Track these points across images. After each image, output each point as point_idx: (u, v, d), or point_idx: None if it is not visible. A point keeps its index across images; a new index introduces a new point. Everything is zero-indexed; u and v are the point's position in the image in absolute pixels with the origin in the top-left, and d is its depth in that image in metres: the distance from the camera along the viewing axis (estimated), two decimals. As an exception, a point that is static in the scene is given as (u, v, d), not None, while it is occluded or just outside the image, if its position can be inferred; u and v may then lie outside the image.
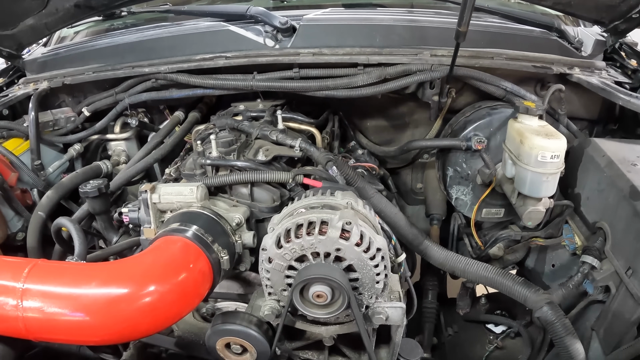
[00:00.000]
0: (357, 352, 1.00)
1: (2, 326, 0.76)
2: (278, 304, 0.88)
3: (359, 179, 0.98)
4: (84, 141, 1.64)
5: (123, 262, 0.84)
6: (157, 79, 1.47)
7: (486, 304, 1.71)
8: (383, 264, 0.80)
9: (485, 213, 1.40)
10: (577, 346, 1.00)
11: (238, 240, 0.97)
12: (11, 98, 1.56)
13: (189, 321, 1.07)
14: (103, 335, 0.77)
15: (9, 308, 0.73)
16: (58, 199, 1.34)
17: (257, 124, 1.17)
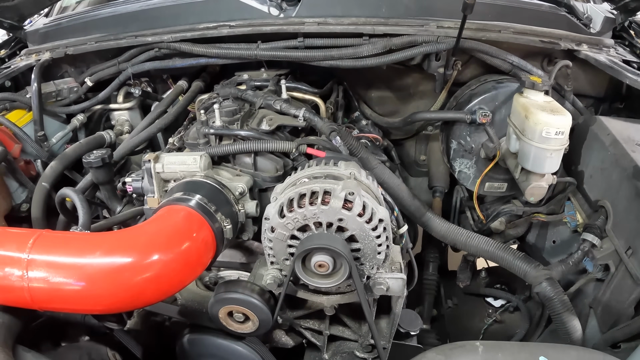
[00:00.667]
0: (358, 322, 1.01)
1: (8, 296, 0.77)
2: (280, 273, 0.89)
3: (362, 150, 0.97)
4: (87, 111, 1.63)
5: (127, 232, 0.84)
6: (160, 48, 1.46)
7: (486, 278, 1.72)
8: (385, 235, 0.80)
9: (487, 187, 1.40)
10: (574, 323, 1.01)
11: (241, 210, 0.97)
12: (13, 69, 1.55)
13: (192, 290, 1.08)
14: (107, 304, 0.78)
15: (14, 279, 0.74)
16: (62, 170, 1.34)
17: (261, 93, 1.17)
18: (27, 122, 1.50)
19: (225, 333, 0.95)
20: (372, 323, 0.87)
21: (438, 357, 0.72)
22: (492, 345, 0.74)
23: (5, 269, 0.74)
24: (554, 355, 0.72)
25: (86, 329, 1.16)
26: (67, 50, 1.54)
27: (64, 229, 1.32)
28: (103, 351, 1.15)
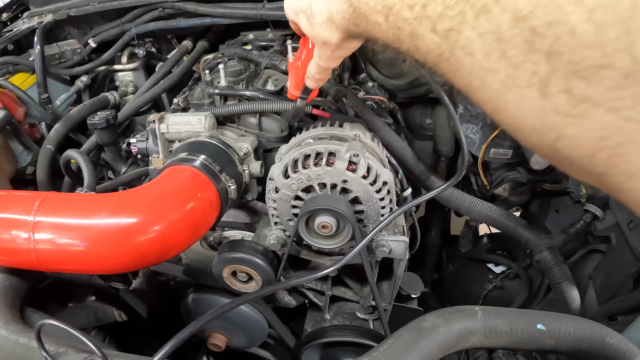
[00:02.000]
0: (360, 283, 1.02)
1: (15, 259, 0.78)
2: (284, 234, 0.89)
3: (368, 112, 0.96)
4: (90, 73, 1.62)
5: (132, 192, 0.84)
6: (164, 7, 1.44)
7: (488, 244, 1.73)
8: (389, 198, 0.81)
9: (493, 153, 1.39)
10: (573, 292, 1.02)
11: (245, 170, 0.97)
12: (16, 32, 1.53)
13: (197, 249, 1.09)
14: (113, 264, 0.78)
15: (21, 241, 0.74)
16: (66, 132, 1.34)
17: (267, 53, 1.15)
18: (30, 85, 1.49)
19: (229, 292, 0.96)
20: (373, 285, 0.87)
21: (438, 320, 0.73)
22: (491, 310, 0.74)
23: (12, 231, 0.75)
24: (551, 323, 0.72)
25: (92, 289, 1.18)
26: (69, 11, 1.52)
27: (70, 190, 1.33)
28: (109, 311, 1.17)
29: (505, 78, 0.32)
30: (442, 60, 0.38)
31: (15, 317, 0.80)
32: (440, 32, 0.36)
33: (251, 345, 1.07)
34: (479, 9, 0.32)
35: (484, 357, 1.32)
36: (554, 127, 0.31)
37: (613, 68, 0.26)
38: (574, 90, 0.28)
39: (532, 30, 0.29)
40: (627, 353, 0.71)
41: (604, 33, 0.25)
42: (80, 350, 0.70)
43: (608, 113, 0.27)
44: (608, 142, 0.28)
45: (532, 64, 0.29)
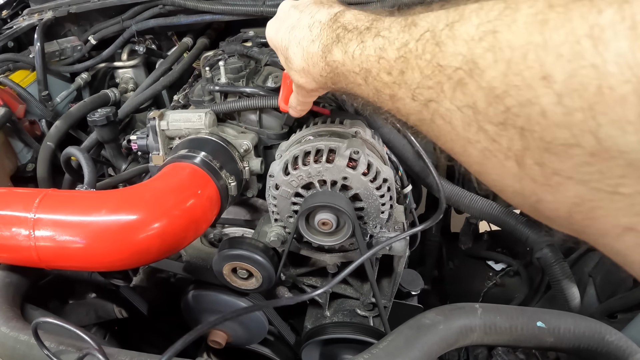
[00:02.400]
0: (360, 280, 1.02)
1: (16, 256, 0.78)
2: (284, 230, 0.89)
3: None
4: (91, 70, 1.62)
5: (132, 189, 0.84)
6: (164, 4, 1.44)
7: (488, 241, 1.73)
8: (389, 195, 0.80)
9: (494, 151, 1.39)
10: (573, 290, 1.02)
11: (246, 167, 0.97)
12: (16, 30, 1.53)
13: (197, 246, 1.09)
14: (113, 261, 0.78)
15: (21, 238, 0.75)
16: (66, 129, 1.34)
17: (267, 50, 1.15)
18: (30, 82, 1.49)
19: (229, 289, 0.96)
20: (373, 282, 0.87)
21: (438, 317, 0.73)
22: (491, 308, 0.74)
23: (13, 228, 0.75)
24: (551, 321, 0.72)
25: (93, 286, 1.18)
26: (69, 8, 1.51)
27: (70, 187, 1.33)
28: (109, 307, 1.17)
29: (485, 148, 0.34)
30: (423, 124, 0.40)
31: (16, 314, 0.80)
32: (420, 100, 0.38)
33: (251, 342, 1.07)
34: (455, 82, 0.33)
35: (484, 355, 1.32)
36: (533, 193, 0.33)
37: (580, 147, 0.28)
38: (547, 164, 0.30)
39: (506, 109, 0.30)
40: (626, 351, 0.71)
41: (572, 116, 0.27)
42: (80, 348, 0.70)
43: (578, 185, 0.29)
44: (581, 207, 0.30)
45: (507, 139, 0.31)
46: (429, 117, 0.38)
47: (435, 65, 0.35)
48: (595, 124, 0.26)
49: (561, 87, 0.27)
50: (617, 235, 0.30)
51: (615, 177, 0.27)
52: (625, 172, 0.27)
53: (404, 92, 0.39)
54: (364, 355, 0.67)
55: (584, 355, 0.74)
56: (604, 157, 0.27)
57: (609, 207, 0.29)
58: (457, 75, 0.33)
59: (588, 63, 0.26)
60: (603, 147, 0.27)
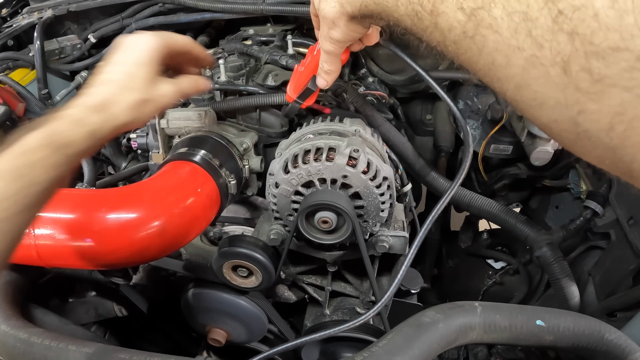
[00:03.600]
0: (359, 278, 1.03)
1: (16, 255, 0.77)
2: (284, 229, 0.89)
3: (368, 107, 0.96)
4: (90, 68, 1.61)
5: (132, 188, 0.84)
6: (164, 2, 1.43)
7: (488, 239, 1.73)
8: (389, 193, 0.81)
9: (493, 149, 1.39)
10: (572, 289, 1.02)
11: (245, 165, 0.97)
12: (15, 28, 1.52)
13: (197, 245, 1.09)
14: (113, 259, 0.78)
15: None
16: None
17: (267, 48, 1.15)
18: (30, 80, 1.49)
19: (229, 287, 0.96)
20: (373, 280, 0.88)
21: (437, 315, 0.73)
22: (491, 306, 0.74)
23: (13, 227, 0.75)
24: (550, 319, 0.72)
25: (93, 285, 1.18)
26: (69, 7, 1.51)
27: (70, 186, 1.33)
28: (109, 306, 1.17)
29: (531, 56, 0.34)
30: (465, 38, 0.40)
31: (16, 312, 0.80)
32: (467, 10, 0.38)
33: (251, 340, 1.07)
34: None
35: (484, 353, 1.33)
36: (577, 102, 0.33)
37: (628, 51, 0.28)
38: (594, 70, 0.30)
39: (559, 12, 0.31)
40: (626, 349, 0.71)
41: (623, 19, 0.28)
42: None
43: (623, 91, 0.30)
44: (624, 116, 0.31)
45: (556, 43, 0.32)
46: (472, 28, 0.38)
47: None
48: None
49: None
50: None
51: None
52: None
53: (449, 5, 0.40)
54: (363, 353, 0.68)
55: (583, 354, 0.74)
56: None
57: None
58: None
59: None
60: None
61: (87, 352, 0.71)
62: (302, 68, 0.84)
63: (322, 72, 0.78)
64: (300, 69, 0.85)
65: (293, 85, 0.86)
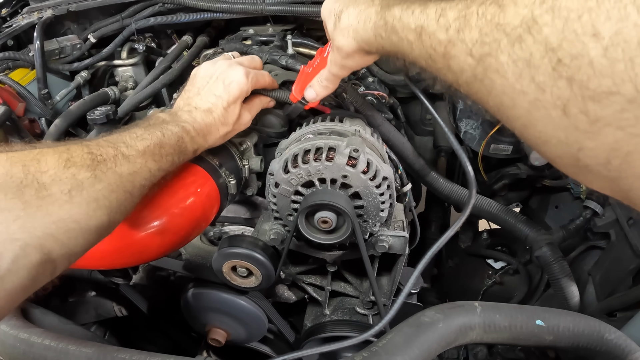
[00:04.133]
0: (359, 278, 1.03)
1: None
2: (284, 229, 0.89)
3: (368, 107, 0.96)
4: (90, 68, 1.62)
5: (131, 187, 0.84)
6: (164, 2, 1.43)
7: (487, 239, 1.73)
8: (388, 193, 0.80)
9: (493, 149, 1.39)
10: (572, 289, 1.02)
11: (245, 165, 0.97)
12: (15, 28, 1.53)
13: (197, 244, 1.09)
14: (113, 259, 0.78)
15: None
16: (66, 127, 1.34)
17: (267, 48, 1.15)
18: (30, 80, 1.49)
19: (228, 287, 0.96)
20: (373, 280, 0.87)
21: (437, 315, 0.73)
22: (491, 306, 0.74)
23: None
24: (550, 319, 0.72)
25: (92, 285, 1.18)
26: (69, 7, 1.51)
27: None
28: (109, 306, 1.18)
29: (534, 99, 0.38)
30: (475, 80, 0.44)
31: (16, 312, 0.80)
32: (476, 56, 0.42)
33: (251, 340, 1.07)
34: (514, 38, 0.38)
35: (483, 353, 1.33)
36: (576, 141, 0.36)
37: (620, 94, 0.32)
38: (590, 112, 0.34)
39: (558, 60, 0.35)
40: (625, 349, 0.71)
41: (615, 66, 0.32)
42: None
43: (617, 130, 0.33)
44: (618, 152, 0.34)
45: (557, 89, 0.36)
46: (482, 72, 0.42)
47: (495, 24, 0.40)
48: (634, 73, 0.31)
49: (608, 42, 0.32)
50: None
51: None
52: None
53: (459, 49, 0.44)
54: (363, 353, 0.68)
55: (583, 354, 0.74)
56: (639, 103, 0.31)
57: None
58: (516, 33, 0.38)
59: (631, 23, 0.31)
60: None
61: (87, 352, 0.71)
62: (309, 69, 0.85)
63: (319, 86, 0.82)
64: (307, 70, 0.85)
65: (299, 86, 0.86)
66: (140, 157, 0.66)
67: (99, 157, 0.60)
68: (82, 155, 0.58)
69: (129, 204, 0.65)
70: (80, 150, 0.59)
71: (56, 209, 0.53)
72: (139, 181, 0.66)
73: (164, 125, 0.74)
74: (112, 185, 0.60)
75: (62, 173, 0.55)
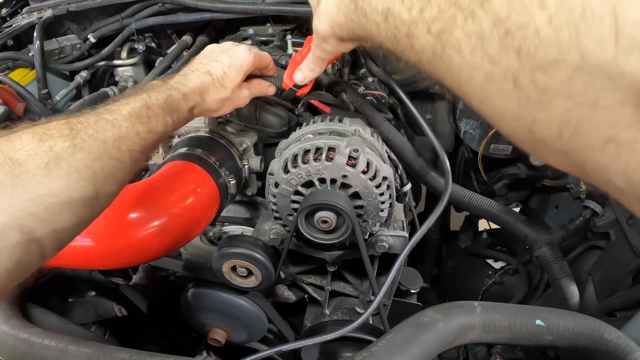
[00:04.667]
0: (359, 278, 1.03)
1: None
2: (283, 229, 0.89)
3: (367, 107, 0.96)
4: (90, 68, 1.62)
5: (131, 187, 0.84)
6: (164, 2, 1.43)
7: (487, 239, 1.73)
8: (388, 193, 0.80)
9: (492, 149, 1.39)
10: (572, 288, 1.02)
11: (245, 165, 0.98)
12: (15, 28, 1.53)
13: (197, 244, 1.09)
14: (113, 259, 0.78)
15: None
16: (66, 126, 1.34)
17: (267, 48, 1.15)
18: (30, 80, 1.49)
19: (228, 287, 0.96)
20: (373, 280, 0.88)
21: (437, 315, 0.73)
22: (491, 306, 0.74)
23: (13, 227, 0.75)
24: (550, 319, 0.73)
25: (92, 285, 1.18)
26: (69, 7, 1.51)
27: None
28: (109, 305, 1.17)
29: (487, 72, 0.38)
30: (435, 58, 0.44)
31: (16, 312, 0.80)
32: (434, 33, 0.43)
33: (251, 340, 1.07)
34: (467, 13, 0.38)
35: (483, 353, 1.33)
36: (529, 112, 0.36)
37: (566, 63, 0.32)
38: (539, 82, 0.34)
39: (506, 31, 0.35)
40: (625, 349, 0.71)
41: (560, 34, 0.32)
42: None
43: (566, 100, 0.33)
44: (569, 123, 0.34)
45: (506, 60, 0.36)
46: (440, 48, 0.42)
47: (453, 1, 0.40)
48: (579, 40, 0.31)
49: (553, 10, 0.32)
50: (601, 148, 0.33)
51: (595, 90, 0.31)
52: (603, 85, 0.31)
53: (420, 29, 0.44)
54: (363, 353, 0.68)
55: (582, 354, 0.74)
56: (585, 71, 0.31)
57: (592, 120, 0.33)
58: (470, 7, 0.38)
59: None
60: (585, 61, 0.31)
61: (86, 352, 0.71)
62: (299, 57, 0.85)
63: (306, 68, 0.83)
64: (297, 58, 0.86)
65: (290, 73, 0.87)
66: (126, 121, 0.63)
67: (78, 126, 0.57)
68: (59, 126, 0.56)
69: (120, 171, 0.62)
70: (57, 123, 0.57)
71: (34, 185, 0.50)
72: (127, 146, 0.63)
73: (152, 88, 0.72)
74: (95, 153, 0.57)
75: (37, 147, 0.52)
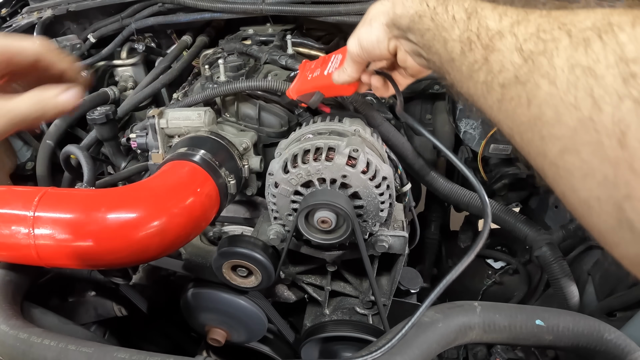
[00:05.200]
0: (359, 278, 1.03)
1: (15, 254, 0.78)
2: (283, 229, 0.89)
3: (367, 107, 0.96)
4: (90, 68, 1.62)
5: (131, 187, 0.84)
6: (164, 2, 1.43)
7: (487, 239, 1.73)
8: (388, 193, 0.80)
9: (492, 149, 1.39)
10: (572, 288, 1.02)
11: (245, 165, 0.97)
12: (15, 28, 1.53)
13: (197, 244, 1.09)
14: (112, 259, 0.78)
15: (21, 237, 0.74)
16: (66, 127, 1.34)
17: (266, 48, 1.15)
18: (30, 80, 1.49)
19: (228, 287, 0.96)
20: (373, 280, 0.87)
21: (437, 315, 0.73)
22: (490, 306, 0.74)
23: (12, 227, 0.75)
24: (550, 319, 0.73)
25: (92, 284, 1.18)
26: (69, 7, 1.51)
27: (69, 186, 1.33)
28: (109, 305, 1.17)
29: (586, 118, 0.30)
30: (516, 83, 0.36)
31: (16, 312, 0.80)
32: (526, 53, 0.35)
33: (251, 340, 1.07)
34: (578, 40, 0.31)
35: (483, 353, 1.33)
36: (627, 184, 0.28)
37: None
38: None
39: (631, 75, 0.27)
40: (625, 349, 0.71)
41: None
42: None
43: None
44: None
45: (619, 110, 0.28)
46: (526, 73, 0.35)
47: (559, 23, 0.33)
48: None
49: None
50: None
51: None
52: None
53: (507, 43, 0.37)
54: (362, 353, 0.68)
55: (582, 354, 0.74)
56: None
57: None
58: (583, 35, 0.31)
59: None
60: None
61: (86, 352, 0.71)
62: (309, 75, 0.84)
63: (342, 73, 0.78)
64: (306, 75, 0.85)
65: (297, 86, 0.86)
66: None
67: None
68: None
69: None
70: None
71: None
72: None
73: None
74: None
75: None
